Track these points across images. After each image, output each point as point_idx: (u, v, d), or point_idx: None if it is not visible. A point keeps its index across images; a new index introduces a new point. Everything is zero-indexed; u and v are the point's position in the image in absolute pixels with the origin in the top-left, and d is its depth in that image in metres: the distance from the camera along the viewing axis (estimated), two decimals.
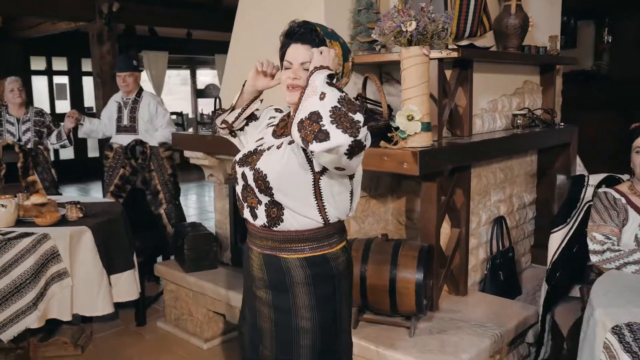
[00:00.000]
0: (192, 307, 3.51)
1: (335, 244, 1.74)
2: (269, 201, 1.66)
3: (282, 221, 1.67)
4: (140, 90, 4.27)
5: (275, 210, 1.67)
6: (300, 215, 1.66)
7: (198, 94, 11.86)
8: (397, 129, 2.45)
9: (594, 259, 2.28)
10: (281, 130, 1.79)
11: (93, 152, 10.30)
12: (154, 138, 4.13)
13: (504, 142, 2.98)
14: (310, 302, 1.70)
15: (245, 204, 1.75)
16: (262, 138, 1.82)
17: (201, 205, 8.18)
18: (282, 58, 1.72)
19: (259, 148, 1.76)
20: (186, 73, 12.77)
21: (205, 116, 11.62)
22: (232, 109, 1.88)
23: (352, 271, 1.83)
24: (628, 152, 2.37)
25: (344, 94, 1.44)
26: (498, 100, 3.24)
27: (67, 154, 9.83)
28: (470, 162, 2.81)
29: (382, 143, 2.48)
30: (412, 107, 2.37)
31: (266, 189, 1.64)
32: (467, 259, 3.02)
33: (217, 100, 3.35)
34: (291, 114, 1.78)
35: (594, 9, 6.86)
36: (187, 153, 3.54)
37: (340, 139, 1.37)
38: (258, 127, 1.89)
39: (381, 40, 2.45)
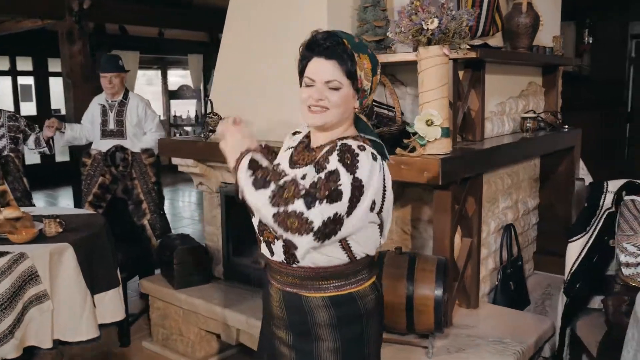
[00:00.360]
0: (183, 326, 3.27)
1: (363, 280, 1.54)
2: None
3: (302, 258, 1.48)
4: (127, 92, 4.00)
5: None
6: (321, 255, 1.46)
7: (170, 95, 11.50)
8: (414, 134, 2.28)
9: (627, 271, 2.15)
10: (298, 156, 1.58)
11: (61, 156, 9.81)
12: (143, 142, 3.87)
13: (519, 146, 2.84)
14: (335, 345, 1.51)
15: (262, 237, 1.56)
16: (278, 165, 1.61)
17: (175, 211, 7.87)
18: (301, 72, 1.52)
19: None
20: (152, 73, 12.38)
21: (178, 118, 11.36)
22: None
23: (382, 309, 1.63)
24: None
25: (271, 188, 1.32)
26: (506, 103, 3.10)
27: (33, 158, 9.35)
28: (490, 169, 2.66)
29: (399, 150, 2.31)
30: (432, 111, 2.20)
31: None
32: (478, 270, 2.87)
33: (210, 103, 3.11)
34: (311, 135, 1.59)
35: (575, 9, 6.86)
36: (175, 160, 3.30)
37: (303, 242, 1.33)
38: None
39: (397, 39, 2.27)
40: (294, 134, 1.72)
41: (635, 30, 6.99)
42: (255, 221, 1.57)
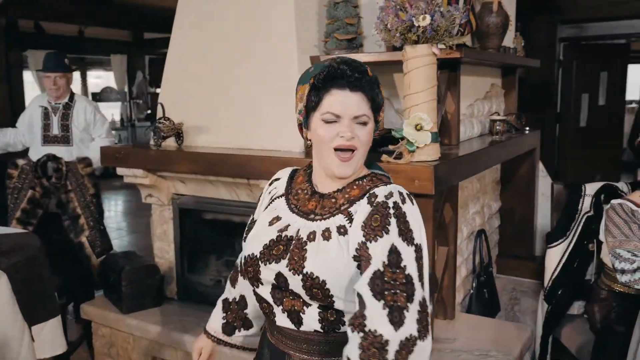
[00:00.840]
0: (133, 355, 2.93)
1: None
2: (323, 306, 1.24)
3: (343, 324, 1.24)
4: (72, 94, 3.59)
5: (334, 312, 1.24)
6: None
7: (92, 97, 10.80)
8: (401, 139, 2.11)
9: (623, 278, 2.09)
10: (310, 206, 1.32)
11: None
12: (91, 149, 3.48)
13: (497, 150, 2.76)
14: None
15: (280, 307, 1.28)
16: (278, 218, 1.34)
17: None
18: (313, 107, 1.27)
19: (284, 234, 1.29)
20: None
21: None
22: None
23: None
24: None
25: None
26: (474, 105, 3.02)
27: None
28: (473, 174, 2.55)
29: (385, 157, 2.13)
30: (422, 115, 2.04)
31: (325, 297, 1.20)
32: (454, 279, 2.75)
33: (160, 107, 2.81)
34: (318, 179, 1.34)
35: None
36: (121, 170, 2.95)
37: (423, 349, 1.10)
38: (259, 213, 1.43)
39: (383, 37, 2.10)
40: (271, 183, 1.46)
41: (563, 34, 7.25)
42: (262, 290, 1.30)
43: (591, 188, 2.56)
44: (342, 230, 1.23)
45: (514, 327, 2.71)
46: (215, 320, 1.59)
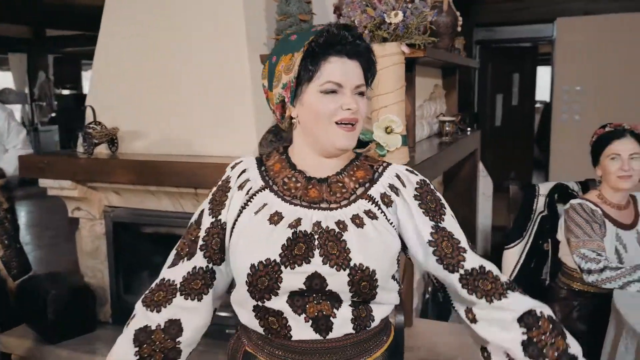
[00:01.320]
0: None
1: (389, 324, 1.32)
2: (356, 302, 1.12)
3: (373, 320, 1.16)
4: None
5: (363, 308, 1.14)
6: (387, 305, 1.21)
7: None
8: (370, 142, 1.99)
9: (590, 278, 2.10)
10: (312, 195, 1.16)
11: None
12: (5, 162, 3.06)
13: (453, 152, 2.72)
14: None
15: (302, 316, 1.10)
16: (279, 213, 1.14)
17: None
18: (309, 77, 1.12)
19: (298, 230, 1.10)
20: None
21: None
22: None
23: None
24: None
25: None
26: (424, 106, 2.98)
27: None
28: (436, 176, 2.48)
29: None
30: (393, 117, 1.93)
31: (370, 289, 1.10)
32: (412, 284, 2.69)
33: (90, 110, 2.52)
34: (305, 162, 1.20)
35: None
36: (44, 182, 2.62)
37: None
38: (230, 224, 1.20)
39: None
40: (239, 175, 1.23)
41: (478, 37, 7.51)
42: (276, 302, 1.11)
43: (544, 188, 2.58)
44: (371, 215, 1.15)
45: None
46: (122, 356, 1.19)
